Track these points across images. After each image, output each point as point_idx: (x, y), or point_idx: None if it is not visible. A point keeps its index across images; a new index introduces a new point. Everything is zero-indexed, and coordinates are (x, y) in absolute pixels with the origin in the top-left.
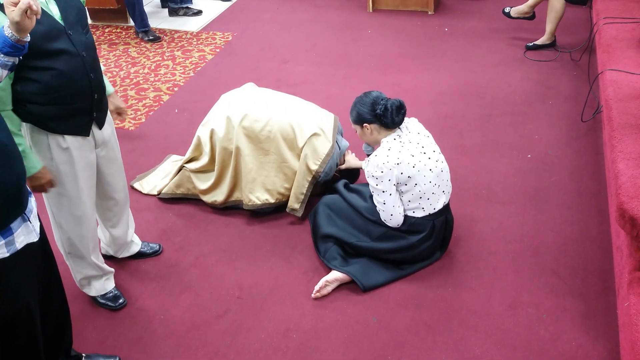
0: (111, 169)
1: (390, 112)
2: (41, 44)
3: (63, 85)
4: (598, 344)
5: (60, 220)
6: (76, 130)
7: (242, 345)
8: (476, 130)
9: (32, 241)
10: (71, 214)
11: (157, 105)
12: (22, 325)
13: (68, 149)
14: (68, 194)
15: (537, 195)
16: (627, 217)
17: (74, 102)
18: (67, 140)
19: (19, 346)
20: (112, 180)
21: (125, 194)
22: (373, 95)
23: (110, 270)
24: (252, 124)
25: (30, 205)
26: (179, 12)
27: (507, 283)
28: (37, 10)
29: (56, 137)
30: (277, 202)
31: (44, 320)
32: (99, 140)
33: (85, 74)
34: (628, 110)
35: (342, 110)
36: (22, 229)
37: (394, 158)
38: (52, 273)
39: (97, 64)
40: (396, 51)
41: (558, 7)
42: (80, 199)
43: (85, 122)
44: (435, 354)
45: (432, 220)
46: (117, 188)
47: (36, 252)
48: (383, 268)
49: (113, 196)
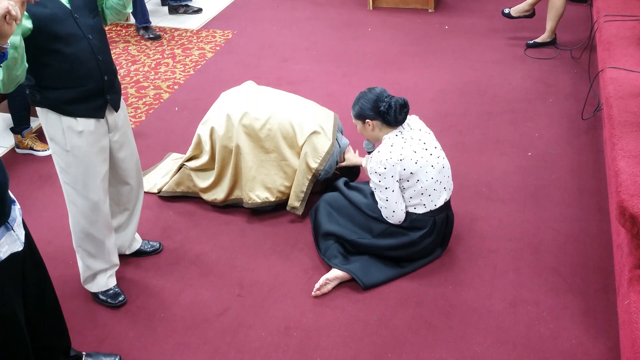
0: (125, 154)
1: (393, 110)
2: (47, 27)
3: (71, 68)
4: (598, 342)
5: (75, 208)
6: (90, 113)
7: (243, 343)
8: (476, 128)
9: (16, 250)
10: (86, 199)
11: (157, 103)
12: (10, 333)
13: (82, 132)
14: (83, 179)
15: (537, 193)
16: (628, 215)
17: (85, 84)
18: (81, 124)
19: (6, 353)
20: (126, 165)
21: (139, 180)
22: (376, 91)
23: (117, 263)
24: (252, 122)
25: (14, 213)
26: (178, 10)
27: (507, 281)
28: (16, 16)
29: (70, 122)
30: (278, 201)
31: (38, 328)
32: (112, 124)
33: (92, 56)
34: (628, 108)
35: (342, 108)
36: (5, 238)
37: (397, 154)
38: (43, 281)
39: (105, 47)
40: (396, 49)
41: (558, 5)
42: (95, 183)
43: (100, 104)
44: (435, 352)
45: (433, 216)
46: (132, 174)
47: (22, 261)
48: (383, 266)
49: (128, 181)
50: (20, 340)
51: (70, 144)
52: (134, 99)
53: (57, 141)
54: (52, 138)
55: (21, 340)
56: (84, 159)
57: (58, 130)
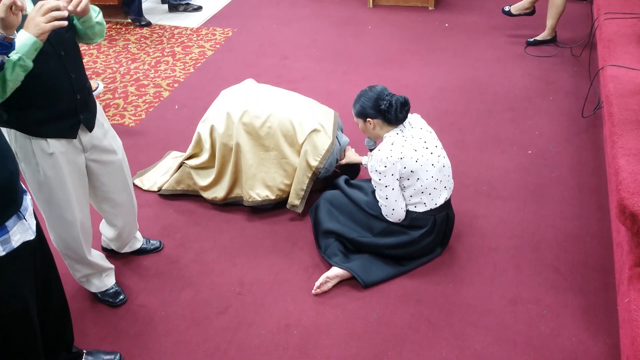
0: (105, 171)
1: (394, 108)
2: None
3: (41, 87)
4: (598, 340)
5: (52, 224)
6: (61, 133)
7: (243, 341)
8: (476, 126)
9: (28, 239)
10: (62, 218)
11: (157, 101)
12: (20, 323)
13: (53, 154)
14: (57, 199)
15: (537, 191)
16: (628, 213)
17: (55, 103)
18: (51, 145)
19: (17, 345)
20: (108, 181)
21: (128, 195)
22: (377, 89)
23: (109, 267)
24: (252, 120)
25: (26, 203)
26: (179, 8)
27: (507, 279)
28: (22, 7)
29: (40, 143)
30: (278, 199)
31: (44, 319)
32: (87, 144)
33: (64, 74)
34: (629, 106)
35: (342, 106)
36: (17, 227)
37: (398, 153)
38: (51, 271)
39: (78, 63)
40: (396, 47)
41: (559, 3)
42: (69, 203)
43: (71, 124)
44: (435, 350)
45: (434, 215)
46: (115, 189)
47: (34, 250)
48: (384, 264)
49: (110, 197)
50: (30, 332)
51: (41, 165)
52: (134, 97)
53: (28, 162)
54: (22, 159)
55: (31, 332)
56: (56, 180)
57: (28, 152)
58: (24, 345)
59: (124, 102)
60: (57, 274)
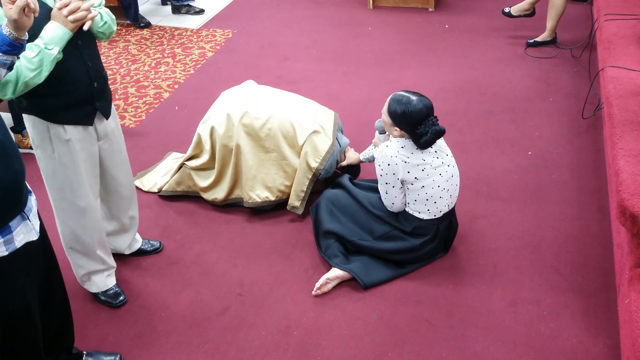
0: (114, 162)
1: (428, 138)
2: (34, 32)
3: (60, 75)
4: (598, 341)
5: (63, 213)
6: (79, 120)
7: (243, 342)
8: (476, 127)
9: (31, 240)
10: (74, 206)
11: (157, 102)
12: (22, 323)
13: (69, 140)
14: (70, 186)
15: (537, 192)
16: (628, 214)
17: (73, 91)
18: (68, 131)
19: (19, 344)
20: (116, 173)
21: (131, 189)
22: (424, 111)
23: (112, 265)
24: (252, 121)
25: (30, 203)
26: (181, 10)
27: (507, 280)
28: (34, 8)
29: (57, 129)
30: (278, 200)
31: (45, 318)
32: (101, 132)
33: (81, 62)
34: (629, 107)
35: (343, 107)
36: (21, 227)
37: (403, 156)
38: (53, 271)
39: (95, 53)
40: (396, 48)
41: (559, 4)
42: (82, 190)
43: (88, 111)
44: (435, 351)
45: (437, 225)
46: (122, 182)
47: (36, 251)
48: (384, 266)
49: (118, 190)
50: (31, 332)
51: (57, 151)
52: (134, 98)
53: (44, 148)
54: (38, 145)
55: (32, 332)
56: (70, 167)
57: (45, 138)
58: (25, 344)
59: (124, 103)
60: (60, 275)
